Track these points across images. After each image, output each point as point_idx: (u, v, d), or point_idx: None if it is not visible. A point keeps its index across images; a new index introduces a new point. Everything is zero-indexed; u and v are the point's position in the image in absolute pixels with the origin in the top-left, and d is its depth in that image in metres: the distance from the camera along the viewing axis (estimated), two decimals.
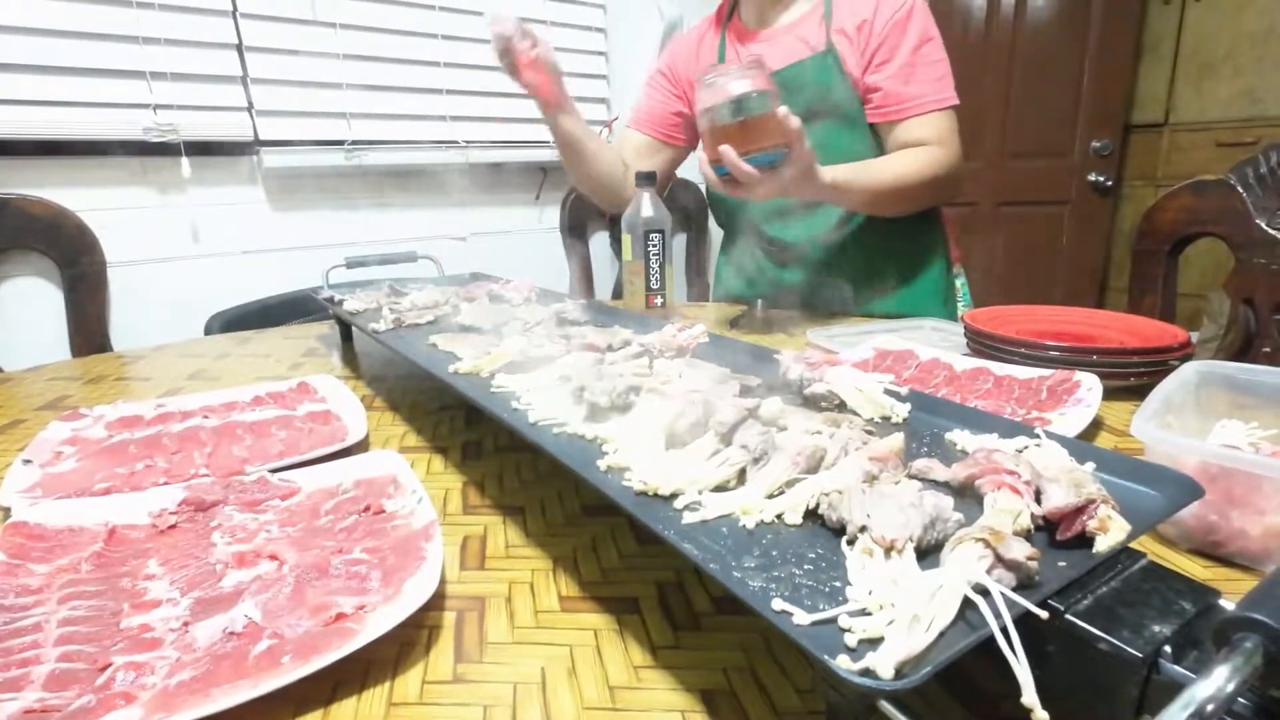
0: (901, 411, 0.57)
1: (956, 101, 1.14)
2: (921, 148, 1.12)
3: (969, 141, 1.19)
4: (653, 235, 1.20)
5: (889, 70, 1.12)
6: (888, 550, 0.35)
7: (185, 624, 0.42)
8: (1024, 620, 0.30)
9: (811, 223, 1.24)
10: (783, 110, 0.88)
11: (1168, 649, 0.29)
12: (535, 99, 1.15)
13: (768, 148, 0.91)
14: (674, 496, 0.42)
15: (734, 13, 1.29)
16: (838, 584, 0.34)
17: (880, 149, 1.18)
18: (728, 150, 0.90)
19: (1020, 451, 0.45)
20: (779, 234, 1.29)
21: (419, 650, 0.42)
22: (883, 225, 1.20)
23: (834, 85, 1.16)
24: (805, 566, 0.36)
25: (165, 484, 0.61)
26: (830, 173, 1.00)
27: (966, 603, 0.31)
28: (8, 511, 0.56)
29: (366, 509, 0.55)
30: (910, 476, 0.43)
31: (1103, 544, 0.35)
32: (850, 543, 0.37)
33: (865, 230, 1.22)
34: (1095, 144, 2.55)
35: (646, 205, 1.16)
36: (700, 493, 0.43)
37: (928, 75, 1.13)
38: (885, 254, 1.24)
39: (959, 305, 1.31)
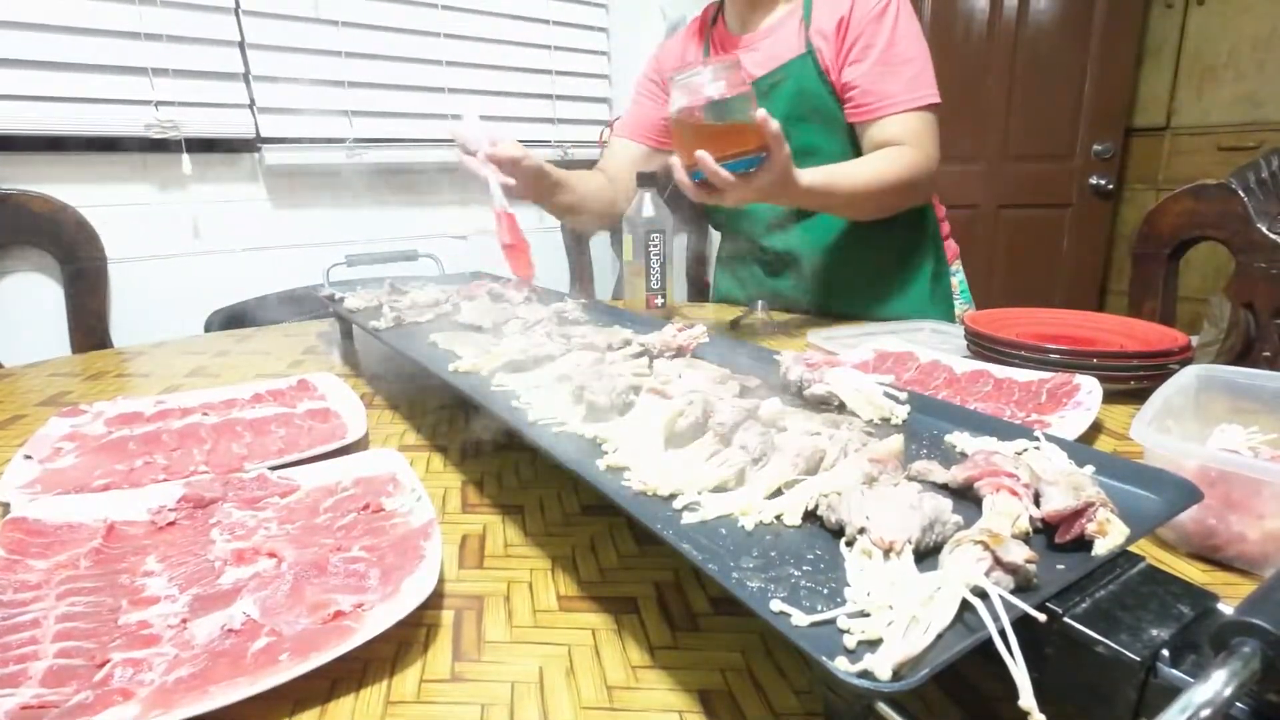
0: (901, 413, 0.57)
1: (934, 100, 1.10)
2: (895, 148, 1.09)
3: (970, 143, 1.18)
4: (653, 235, 1.20)
5: (863, 67, 1.10)
6: (886, 552, 0.35)
7: (184, 621, 0.42)
8: (1022, 623, 0.30)
9: (802, 231, 1.23)
10: (761, 114, 0.83)
11: (1166, 653, 0.29)
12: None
13: (746, 153, 0.86)
14: (673, 497, 0.42)
15: (718, 19, 1.28)
16: (836, 585, 0.34)
17: (859, 150, 1.15)
18: (705, 156, 0.84)
19: (1020, 454, 0.45)
20: (771, 243, 1.28)
21: (417, 649, 0.42)
22: (865, 230, 1.18)
23: (813, 88, 1.14)
24: (804, 568, 0.36)
25: (164, 481, 0.61)
26: (808, 176, 0.96)
27: (965, 605, 0.31)
28: (7, 507, 0.56)
29: (365, 507, 0.55)
30: (909, 478, 0.43)
31: (1101, 547, 0.35)
32: (849, 544, 0.37)
33: (850, 236, 1.21)
34: (1096, 147, 2.55)
35: (647, 205, 1.16)
36: (699, 493, 0.43)
37: (902, 73, 1.09)
38: (872, 258, 1.22)
39: (958, 302, 1.30)
